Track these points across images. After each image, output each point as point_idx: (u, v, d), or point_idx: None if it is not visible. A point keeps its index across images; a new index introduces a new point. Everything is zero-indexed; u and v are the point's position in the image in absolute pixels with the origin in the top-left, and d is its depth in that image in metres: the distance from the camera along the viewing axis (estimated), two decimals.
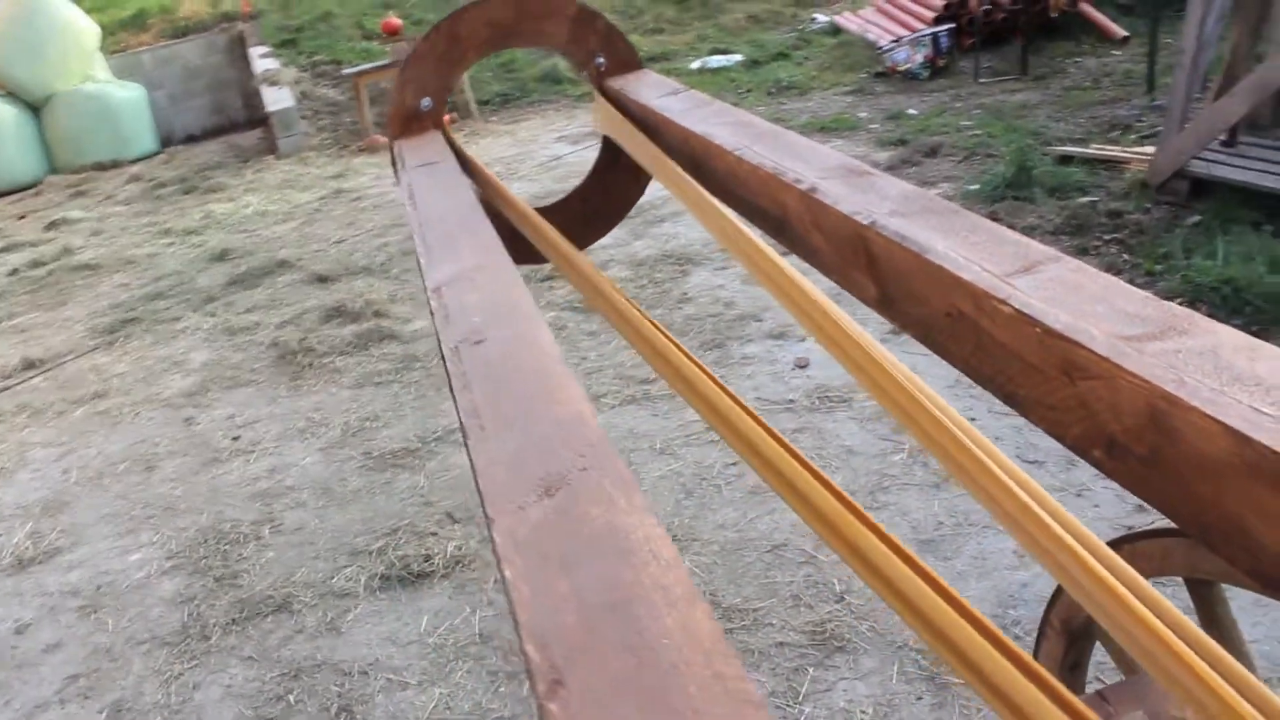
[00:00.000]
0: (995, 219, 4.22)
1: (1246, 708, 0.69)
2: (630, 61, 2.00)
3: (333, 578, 2.79)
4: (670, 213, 5.17)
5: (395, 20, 9.18)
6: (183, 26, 10.70)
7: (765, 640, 2.31)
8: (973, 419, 2.81)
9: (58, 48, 9.08)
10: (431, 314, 1.09)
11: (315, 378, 4.08)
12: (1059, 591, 1.33)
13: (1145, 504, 0.79)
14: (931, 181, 5.19)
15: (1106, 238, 4.04)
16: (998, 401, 0.90)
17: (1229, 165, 4.11)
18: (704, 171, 1.54)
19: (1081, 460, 0.83)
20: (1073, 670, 1.34)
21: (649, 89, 1.87)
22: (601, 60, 1.96)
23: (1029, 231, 4.11)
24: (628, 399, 3.49)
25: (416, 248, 1.30)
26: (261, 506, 3.20)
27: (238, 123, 10.18)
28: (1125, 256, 3.87)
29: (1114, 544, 1.19)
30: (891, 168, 5.45)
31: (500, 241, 1.29)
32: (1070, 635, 1.32)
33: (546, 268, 4.63)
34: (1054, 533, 0.80)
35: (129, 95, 9.56)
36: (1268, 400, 0.69)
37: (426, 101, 1.88)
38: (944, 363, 0.96)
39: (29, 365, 4.71)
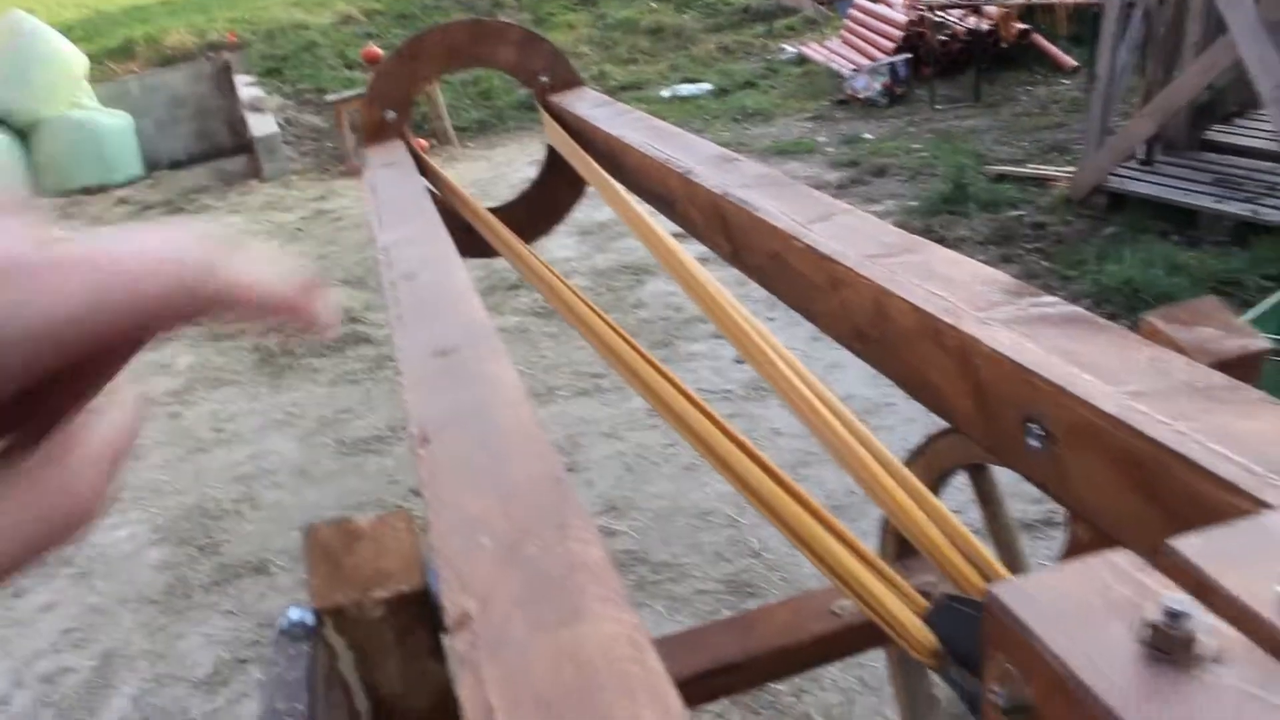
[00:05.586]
0: (929, 231, 4.56)
1: (976, 577, 0.95)
2: (571, 80, 2.28)
3: None
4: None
5: (376, 49, 9.48)
6: (169, 56, 11.00)
7: (688, 589, 2.60)
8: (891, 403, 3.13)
9: (45, 75, 9.30)
10: (379, 263, 1.39)
11: (294, 377, 4.36)
12: None
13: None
14: (877, 199, 5.52)
15: (1029, 247, 4.37)
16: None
17: (1143, 181, 4.45)
18: (620, 166, 1.85)
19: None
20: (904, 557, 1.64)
21: (583, 102, 2.16)
22: (545, 78, 2.25)
23: (958, 243, 4.42)
24: (580, 391, 3.78)
25: (373, 223, 1.61)
26: (242, 487, 3.47)
27: (223, 149, 10.37)
28: (1044, 263, 4.19)
29: (921, 446, 1.48)
30: (841, 187, 5.77)
31: (438, 214, 1.60)
32: (896, 534, 1.63)
33: (513, 277, 4.93)
34: (862, 458, 1.04)
35: (115, 122, 9.76)
36: (945, 288, 0.98)
37: (391, 114, 2.18)
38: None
39: None
